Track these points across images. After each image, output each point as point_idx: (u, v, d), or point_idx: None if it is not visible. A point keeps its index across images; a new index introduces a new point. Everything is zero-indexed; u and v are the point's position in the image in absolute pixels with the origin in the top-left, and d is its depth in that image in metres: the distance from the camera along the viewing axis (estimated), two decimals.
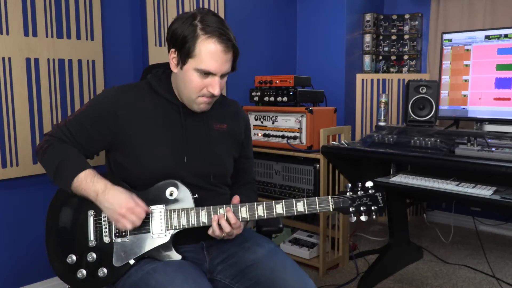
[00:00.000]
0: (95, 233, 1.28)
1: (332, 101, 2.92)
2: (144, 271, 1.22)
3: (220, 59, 1.24)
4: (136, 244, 1.26)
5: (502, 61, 2.31)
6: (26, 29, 2.02)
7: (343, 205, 1.27)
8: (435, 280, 2.46)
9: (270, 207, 1.28)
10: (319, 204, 1.28)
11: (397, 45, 3.40)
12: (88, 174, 1.25)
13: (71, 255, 1.27)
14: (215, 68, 1.25)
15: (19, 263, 2.12)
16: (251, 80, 2.81)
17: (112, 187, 1.24)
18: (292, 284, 1.23)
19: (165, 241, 1.26)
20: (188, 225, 1.27)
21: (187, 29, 1.24)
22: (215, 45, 1.22)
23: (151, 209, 1.27)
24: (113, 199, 1.22)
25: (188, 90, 1.29)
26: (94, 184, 1.23)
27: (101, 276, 1.25)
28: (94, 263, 1.26)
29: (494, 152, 1.90)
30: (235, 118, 1.48)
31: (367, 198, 1.29)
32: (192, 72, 1.26)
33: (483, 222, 3.18)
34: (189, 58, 1.24)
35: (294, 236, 2.79)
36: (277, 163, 2.64)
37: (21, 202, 2.10)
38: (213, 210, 1.27)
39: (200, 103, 1.31)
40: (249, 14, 3.07)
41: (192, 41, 1.22)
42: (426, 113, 2.51)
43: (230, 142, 1.45)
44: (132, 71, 2.46)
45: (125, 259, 1.25)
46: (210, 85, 1.27)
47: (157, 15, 2.47)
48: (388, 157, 2.21)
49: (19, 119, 2.04)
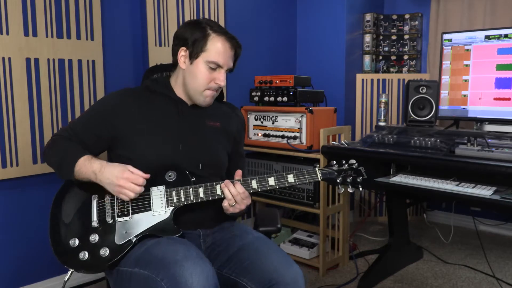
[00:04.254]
0: (98, 215, 1.35)
1: (332, 101, 2.92)
2: (147, 245, 1.28)
3: (227, 53, 1.43)
4: (138, 222, 1.33)
5: (502, 61, 2.31)
6: (26, 29, 2.02)
7: (330, 176, 1.40)
8: (435, 280, 2.47)
9: (263, 180, 1.38)
10: (308, 175, 1.39)
11: (397, 45, 3.40)
12: (86, 158, 1.35)
13: (74, 238, 1.32)
14: (224, 61, 1.43)
15: (19, 263, 2.12)
16: (251, 80, 2.81)
17: (108, 164, 1.34)
18: (276, 264, 1.27)
19: (166, 217, 1.34)
20: (187, 201, 1.35)
21: (197, 30, 1.43)
22: (224, 42, 1.42)
23: (151, 190, 1.35)
24: (109, 174, 1.31)
25: (197, 82, 1.44)
26: (92, 165, 1.33)
27: (103, 256, 1.29)
28: (96, 243, 1.31)
29: (494, 152, 1.90)
30: (229, 118, 1.60)
31: (351, 171, 1.41)
32: (202, 65, 1.42)
33: (483, 222, 3.18)
34: (201, 53, 1.42)
35: (294, 236, 2.79)
36: (277, 163, 2.64)
37: (21, 202, 2.11)
38: (210, 186, 1.36)
39: (206, 95, 1.46)
40: (249, 14, 3.07)
41: (204, 38, 1.41)
42: (426, 113, 2.51)
43: (223, 137, 1.55)
44: (132, 71, 2.46)
45: (127, 236, 1.31)
46: (217, 78, 1.44)
47: (157, 15, 2.47)
48: (388, 157, 2.21)
49: (19, 119, 2.04)
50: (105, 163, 1.34)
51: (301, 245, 2.65)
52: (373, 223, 3.43)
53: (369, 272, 2.45)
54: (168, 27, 2.52)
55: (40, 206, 2.15)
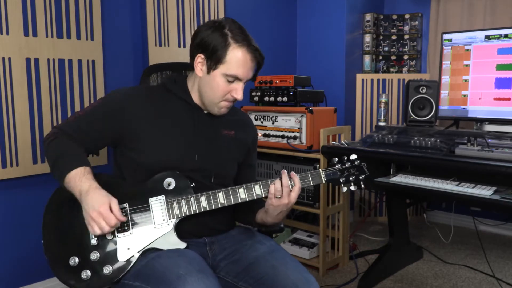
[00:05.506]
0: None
1: (332, 101, 2.92)
2: (148, 258, 1.23)
3: (247, 66, 1.33)
4: (140, 237, 1.27)
5: (502, 61, 2.31)
6: (26, 29, 2.02)
7: (334, 177, 1.36)
8: (435, 280, 2.46)
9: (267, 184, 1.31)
10: (312, 178, 1.35)
11: (397, 45, 3.40)
12: (79, 172, 1.25)
13: (73, 257, 1.25)
14: (243, 74, 1.33)
15: (19, 263, 2.12)
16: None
17: (95, 189, 1.22)
18: (294, 280, 1.25)
19: (168, 230, 1.28)
20: (189, 211, 1.29)
21: (218, 37, 1.31)
22: (245, 54, 1.32)
23: (150, 201, 1.29)
24: (90, 201, 1.20)
25: (213, 94, 1.35)
26: (81, 184, 1.23)
27: (107, 274, 1.23)
28: (98, 261, 1.25)
29: (494, 152, 1.90)
30: (244, 128, 1.53)
31: (354, 168, 1.37)
32: (220, 77, 1.33)
33: (483, 222, 3.18)
34: (219, 64, 1.31)
35: (294, 236, 2.79)
36: (277, 163, 2.64)
37: (21, 202, 2.10)
38: (212, 195, 1.30)
39: (221, 107, 1.38)
40: (249, 14, 3.07)
41: (224, 48, 1.30)
42: (426, 113, 2.51)
43: (236, 147, 1.48)
44: (132, 71, 2.46)
45: (130, 252, 1.25)
46: (234, 90, 1.35)
47: (157, 15, 2.47)
48: (388, 157, 2.21)
49: (19, 119, 2.04)
50: (94, 186, 1.23)
51: (301, 245, 2.65)
52: (373, 223, 3.43)
53: (369, 272, 2.45)
54: (168, 27, 2.52)
55: (40, 206, 2.13)
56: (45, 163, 2.08)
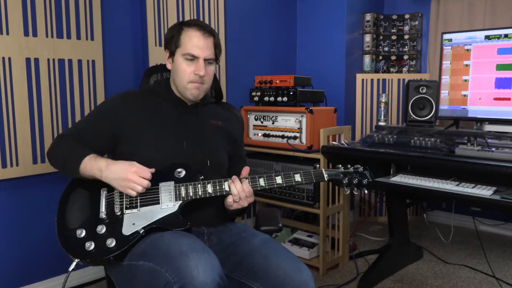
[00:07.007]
0: (106, 207, 1.35)
1: (332, 101, 2.92)
2: (152, 238, 1.28)
3: (200, 43, 1.45)
4: (146, 215, 1.34)
5: (502, 61, 2.31)
6: (26, 29, 2.02)
7: (337, 177, 1.42)
8: (435, 280, 2.47)
9: (271, 178, 1.40)
10: (315, 176, 1.41)
11: (397, 45, 3.40)
12: (91, 157, 1.37)
13: (81, 229, 1.32)
14: (198, 50, 1.44)
15: (20, 263, 2.12)
16: (251, 80, 2.81)
17: (113, 161, 1.36)
18: (286, 269, 1.28)
19: (174, 211, 1.34)
20: (195, 195, 1.36)
21: (174, 29, 1.50)
22: (195, 32, 1.45)
23: (160, 185, 1.37)
24: (117, 169, 1.32)
25: (180, 78, 1.47)
26: (97, 163, 1.35)
27: (110, 246, 1.29)
28: (102, 234, 1.31)
29: (494, 152, 1.90)
30: (231, 118, 1.63)
31: (357, 174, 1.43)
32: (181, 61, 1.46)
33: (483, 222, 3.18)
34: (177, 48, 1.47)
35: (294, 236, 2.79)
36: (277, 163, 2.64)
37: (21, 202, 2.10)
38: (219, 183, 1.38)
39: (191, 88, 1.47)
40: (249, 14, 3.07)
41: (178, 34, 1.47)
42: (426, 113, 2.51)
43: (224, 137, 1.57)
44: (132, 71, 2.46)
45: (135, 228, 1.32)
46: (196, 69, 1.45)
47: (157, 15, 2.47)
48: (388, 157, 2.21)
49: (19, 119, 2.04)
50: (110, 160, 1.36)
51: (301, 245, 2.65)
52: (373, 223, 3.43)
53: (369, 272, 2.45)
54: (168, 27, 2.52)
55: (40, 206, 2.15)
56: (45, 163, 2.08)
